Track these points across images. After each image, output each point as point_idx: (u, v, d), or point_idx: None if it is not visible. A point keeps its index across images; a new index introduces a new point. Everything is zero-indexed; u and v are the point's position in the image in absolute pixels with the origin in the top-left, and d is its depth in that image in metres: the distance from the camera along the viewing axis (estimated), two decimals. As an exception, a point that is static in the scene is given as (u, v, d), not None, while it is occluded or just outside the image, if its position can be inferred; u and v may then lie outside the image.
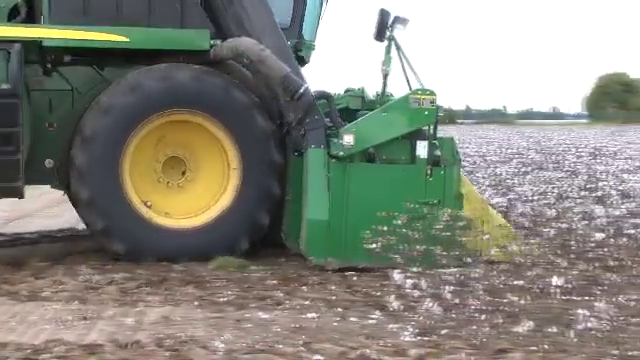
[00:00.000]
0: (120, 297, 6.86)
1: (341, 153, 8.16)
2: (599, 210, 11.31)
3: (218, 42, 8.64)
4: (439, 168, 8.21)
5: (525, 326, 5.71)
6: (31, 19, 8.78)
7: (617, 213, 11.06)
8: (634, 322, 5.85)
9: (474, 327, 5.76)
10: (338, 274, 7.68)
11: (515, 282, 7.09)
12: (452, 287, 6.81)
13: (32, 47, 8.40)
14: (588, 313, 5.91)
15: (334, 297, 6.81)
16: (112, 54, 8.63)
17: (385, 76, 8.76)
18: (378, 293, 6.88)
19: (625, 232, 9.03)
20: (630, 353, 5.13)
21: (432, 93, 8.26)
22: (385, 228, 7.91)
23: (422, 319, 5.97)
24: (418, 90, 8.33)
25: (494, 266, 7.65)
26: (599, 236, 9.05)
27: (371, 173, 8.19)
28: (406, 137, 8.29)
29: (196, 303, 6.60)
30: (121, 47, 8.48)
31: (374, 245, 7.85)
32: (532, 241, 8.66)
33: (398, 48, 8.60)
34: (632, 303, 6.38)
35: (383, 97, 8.85)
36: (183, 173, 8.69)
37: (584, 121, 67.75)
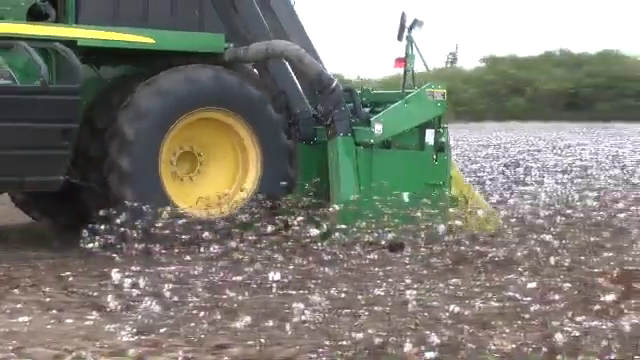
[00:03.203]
0: None
1: (371, 140, 9.08)
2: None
3: (231, 45, 9.33)
4: (442, 153, 9.41)
5: (243, 321, 5.79)
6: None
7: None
8: (345, 313, 6.13)
9: (193, 324, 5.79)
10: (53, 274, 7.47)
11: (234, 278, 7.19)
12: (171, 285, 6.79)
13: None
14: (303, 306, 6.11)
15: (49, 299, 6.60)
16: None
17: (405, 72, 9.73)
18: (96, 293, 6.75)
19: (337, 228, 9.38)
20: (340, 343, 5.37)
21: (443, 87, 9.53)
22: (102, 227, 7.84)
23: (141, 318, 5.91)
24: (431, 84, 9.55)
25: (213, 262, 7.74)
26: (314, 232, 9.36)
27: (392, 158, 9.22)
28: (416, 126, 9.44)
29: None
30: (147, 48, 8.95)
31: (91, 245, 7.78)
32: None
33: (414, 46, 9.62)
34: (343, 295, 6.69)
35: (403, 90, 9.65)
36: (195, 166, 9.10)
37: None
